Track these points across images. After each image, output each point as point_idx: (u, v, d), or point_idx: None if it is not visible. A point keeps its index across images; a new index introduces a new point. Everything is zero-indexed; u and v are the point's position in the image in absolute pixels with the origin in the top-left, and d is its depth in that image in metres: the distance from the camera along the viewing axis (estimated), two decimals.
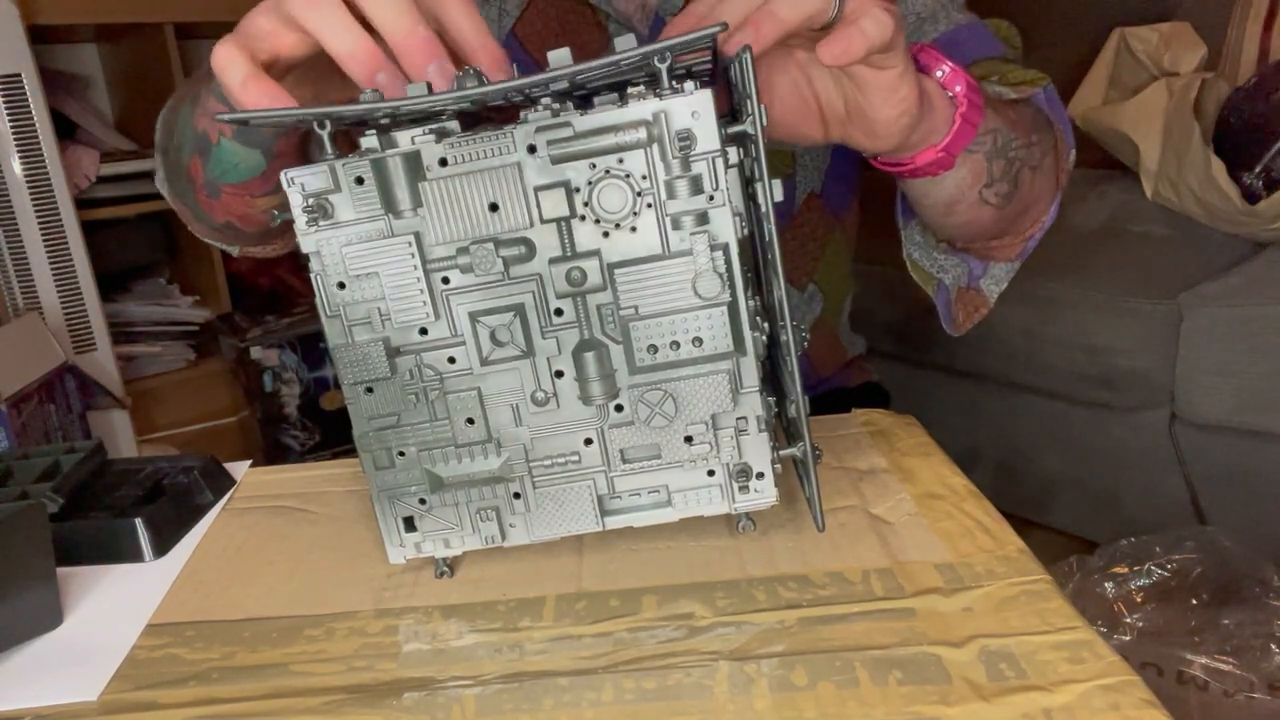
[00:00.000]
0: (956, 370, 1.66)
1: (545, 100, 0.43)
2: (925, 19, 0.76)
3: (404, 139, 0.43)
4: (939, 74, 0.56)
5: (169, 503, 0.56)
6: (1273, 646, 1.06)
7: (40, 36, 1.63)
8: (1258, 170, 1.41)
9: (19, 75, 1.51)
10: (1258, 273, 1.37)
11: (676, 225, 0.42)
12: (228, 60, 0.47)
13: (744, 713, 0.36)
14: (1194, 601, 1.16)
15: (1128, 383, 1.41)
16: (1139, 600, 1.18)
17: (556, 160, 0.41)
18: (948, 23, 0.75)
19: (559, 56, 0.42)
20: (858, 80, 0.51)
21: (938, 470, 0.54)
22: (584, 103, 0.46)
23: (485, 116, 0.50)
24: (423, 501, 0.46)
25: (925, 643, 0.39)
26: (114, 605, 0.49)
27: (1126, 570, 1.20)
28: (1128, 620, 1.15)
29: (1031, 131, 0.65)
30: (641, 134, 0.41)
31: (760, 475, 0.45)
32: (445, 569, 0.48)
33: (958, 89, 0.56)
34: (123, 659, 0.44)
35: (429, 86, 0.43)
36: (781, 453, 0.46)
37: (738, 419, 0.44)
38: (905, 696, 0.36)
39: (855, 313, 0.97)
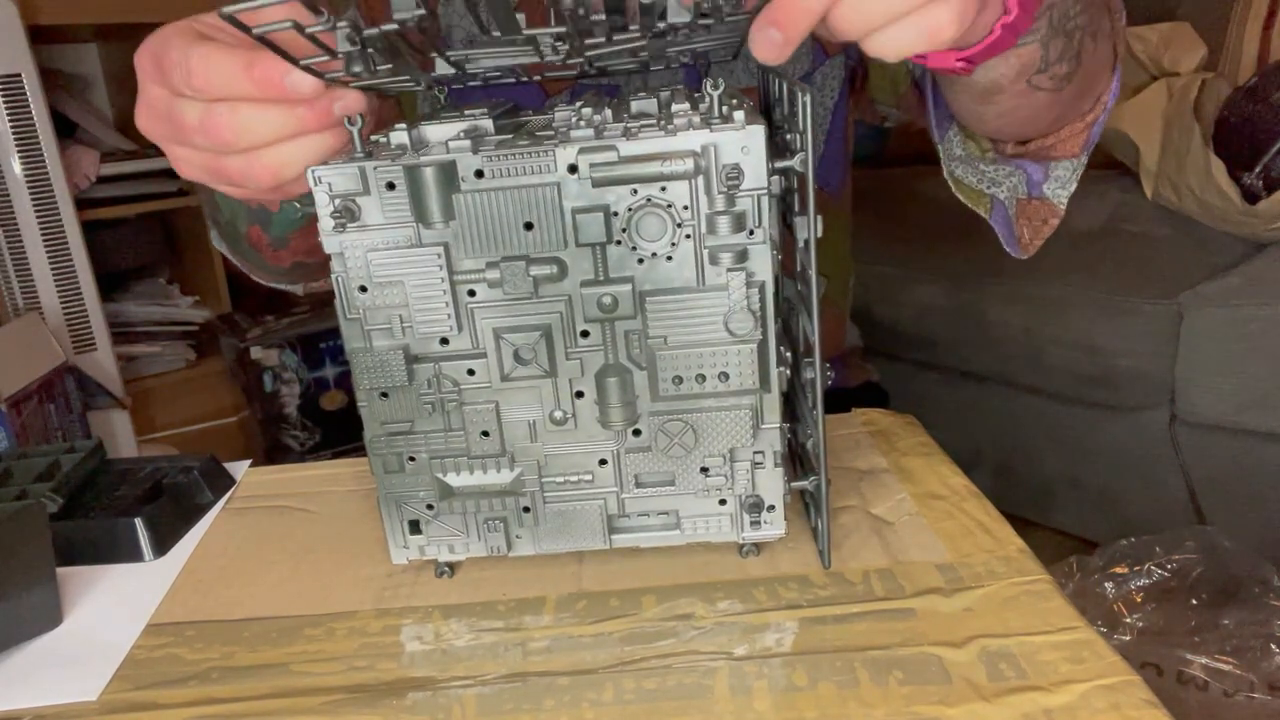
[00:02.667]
0: (956, 370, 1.66)
1: (586, 111, 0.42)
2: None
3: (435, 135, 0.42)
4: None
5: (169, 502, 0.56)
6: (1273, 646, 1.07)
7: (40, 36, 1.63)
8: (1258, 170, 1.41)
9: (19, 75, 1.51)
10: (1258, 273, 1.37)
11: (714, 260, 0.41)
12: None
13: (744, 713, 0.36)
14: (1194, 601, 1.16)
15: (1128, 383, 1.41)
16: (1139, 600, 1.18)
17: (598, 183, 0.40)
18: None
19: None
20: None
21: (938, 470, 0.54)
22: (619, 107, 0.45)
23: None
24: (430, 507, 0.46)
25: (925, 643, 0.39)
26: (114, 605, 0.49)
27: (1126, 570, 1.20)
28: (1128, 620, 1.16)
29: None
30: (688, 165, 0.39)
31: (771, 508, 0.45)
32: (446, 569, 0.48)
33: None
34: (122, 659, 0.44)
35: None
36: (793, 484, 0.46)
37: (755, 453, 0.44)
38: (905, 697, 0.36)
39: (856, 312, 0.97)
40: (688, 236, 0.41)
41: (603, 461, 0.45)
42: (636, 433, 0.44)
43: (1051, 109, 0.58)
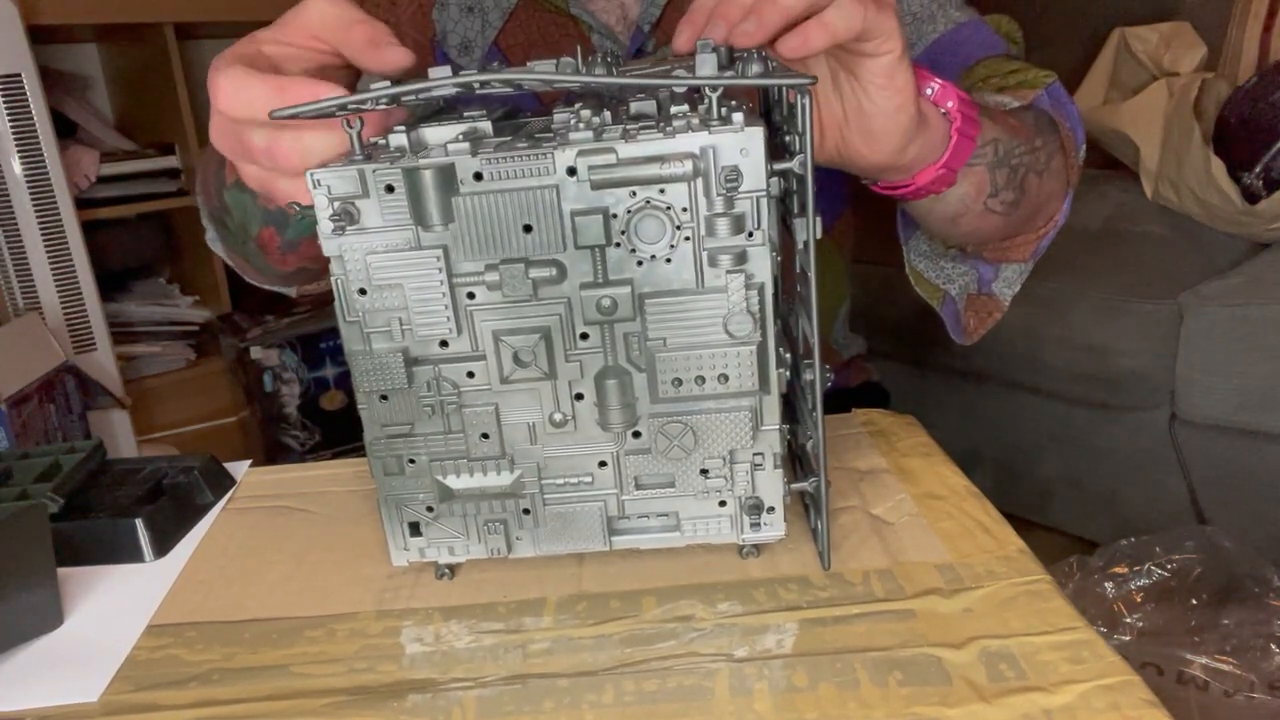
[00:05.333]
0: (956, 370, 1.66)
1: (585, 114, 0.42)
2: (923, 20, 0.75)
3: (434, 137, 0.42)
4: (929, 91, 0.55)
5: (169, 503, 0.56)
6: (1273, 646, 1.07)
7: (40, 36, 1.63)
8: (1258, 170, 1.42)
9: (19, 75, 1.51)
10: (1258, 273, 1.37)
11: (713, 262, 0.41)
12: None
13: (744, 714, 0.37)
14: (1194, 601, 1.16)
15: (1128, 383, 1.41)
16: (1139, 600, 1.18)
17: (597, 186, 0.40)
18: (946, 22, 0.75)
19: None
20: (854, 70, 0.50)
21: (938, 470, 0.54)
22: (618, 108, 0.45)
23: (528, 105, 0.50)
24: (430, 509, 0.46)
25: (925, 644, 0.39)
26: (114, 605, 0.49)
27: (1126, 570, 1.20)
28: (1128, 620, 1.16)
29: (1035, 136, 0.64)
30: (687, 167, 0.39)
31: (771, 510, 0.45)
32: (446, 571, 0.48)
33: (950, 104, 0.55)
34: (123, 660, 0.44)
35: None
36: (793, 486, 0.46)
37: (754, 454, 0.44)
38: (905, 698, 0.36)
39: (856, 312, 0.97)
40: (687, 238, 0.41)
41: (602, 463, 0.45)
42: (636, 434, 0.44)
43: (1005, 230, 0.68)
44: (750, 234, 0.41)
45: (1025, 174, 0.63)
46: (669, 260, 0.41)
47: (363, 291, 0.42)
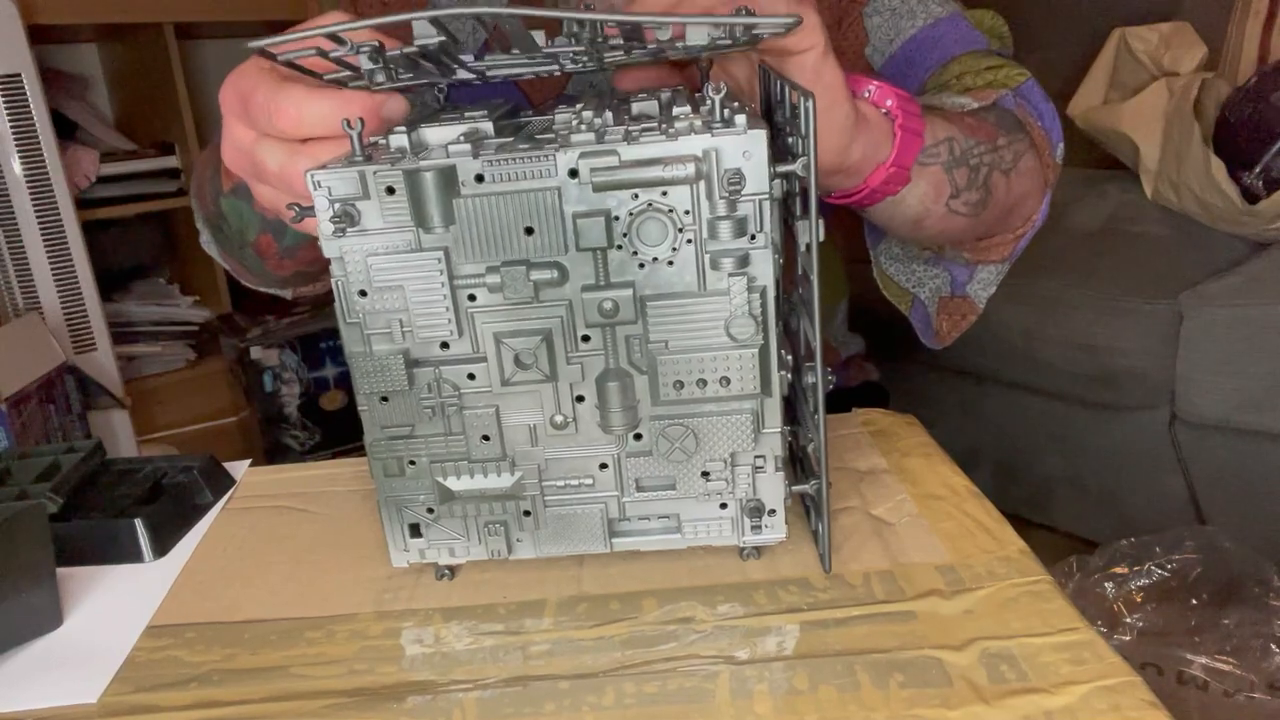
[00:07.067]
0: (956, 370, 1.66)
1: (588, 115, 0.42)
2: (901, 15, 0.74)
3: (435, 138, 0.42)
4: (866, 94, 0.54)
5: (169, 503, 0.56)
6: (1273, 646, 1.07)
7: (40, 36, 1.63)
8: (1258, 170, 1.42)
9: (19, 75, 1.51)
10: (1258, 273, 1.37)
11: (715, 265, 0.41)
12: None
13: (745, 716, 0.36)
14: (1194, 601, 1.16)
15: (1128, 383, 1.41)
16: (1139, 600, 1.18)
17: (598, 188, 0.40)
18: (926, 16, 0.74)
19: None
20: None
21: (938, 470, 0.54)
22: (620, 109, 0.45)
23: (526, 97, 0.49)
24: (430, 511, 0.46)
25: (926, 645, 0.39)
26: (114, 606, 0.49)
27: (1126, 570, 1.20)
28: (1128, 620, 1.16)
29: (998, 135, 0.64)
30: (689, 169, 0.39)
31: (772, 512, 0.45)
32: (446, 572, 0.48)
33: (889, 103, 0.55)
34: (123, 661, 0.44)
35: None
36: (794, 488, 0.46)
37: (756, 457, 0.44)
38: (906, 700, 0.36)
39: (855, 312, 0.97)
40: (689, 241, 0.40)
41: (603, 465, 0.44)
42: (637, 437, 0.44)
43: (975, 230, 0.66)
44: (753, 237, 0.40)
45: (989, 173, 0.62)
46: (671, 263, 0.41)
47: (363, 293, 0.42)
